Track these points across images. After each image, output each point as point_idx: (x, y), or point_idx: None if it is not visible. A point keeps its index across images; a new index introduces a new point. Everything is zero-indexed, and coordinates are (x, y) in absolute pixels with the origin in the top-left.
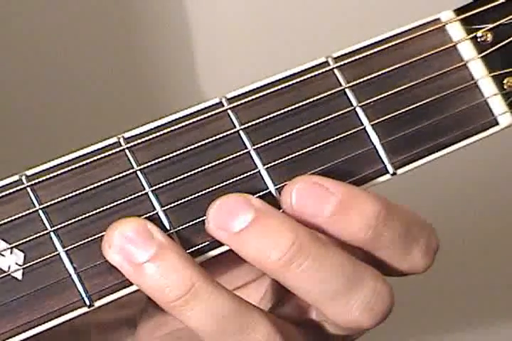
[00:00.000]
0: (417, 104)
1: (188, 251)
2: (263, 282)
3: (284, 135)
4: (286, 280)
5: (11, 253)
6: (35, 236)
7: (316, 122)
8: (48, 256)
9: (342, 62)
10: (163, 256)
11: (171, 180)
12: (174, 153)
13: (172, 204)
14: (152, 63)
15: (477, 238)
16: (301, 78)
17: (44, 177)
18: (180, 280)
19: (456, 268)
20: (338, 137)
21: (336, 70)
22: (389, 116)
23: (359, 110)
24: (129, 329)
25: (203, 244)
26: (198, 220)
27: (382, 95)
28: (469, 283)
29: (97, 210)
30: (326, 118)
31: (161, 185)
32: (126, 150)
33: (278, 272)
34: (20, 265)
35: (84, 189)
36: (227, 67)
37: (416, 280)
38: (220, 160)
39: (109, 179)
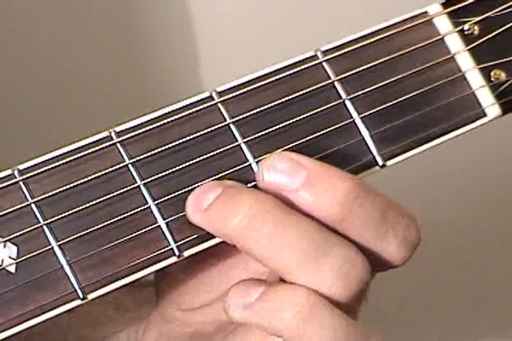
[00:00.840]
0: (406, 97)
1: (179, 243)
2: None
3: (274, 128)
4: (251, 249)
5: (4, 246)
6: (28, 229)
7: (305, 115)
8: (41, 250)
9: (331, 56)
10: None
11: (163, 174)
12: (165, 147)
13: (164, 198)
14: (154, 62)
15: (477, 238)
16: (291, 71)
17: (36, 171)
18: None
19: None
20: (327, 129)
21: (324, 63)
22: (378, 108)
23: (348, 103)
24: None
25: (195, 236)
26: None
27: (371, 88)
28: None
29: (89, 204)
30: (316, 111)
31: (152, 178)
32: (118, 144)
33: (240, 239)
34: (13, 258)
35: (77, 182)
36: (229, 67)
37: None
38: (211, 153)
39: (101, 172)
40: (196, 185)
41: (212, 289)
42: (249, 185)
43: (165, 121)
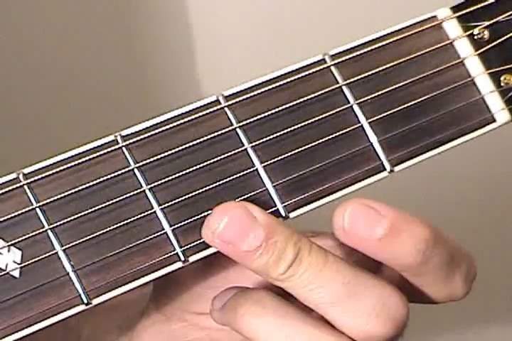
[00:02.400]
0: (414, 102)
1: (184, 248)
2: None
3: (281, 132)
4: (286, 287)
5: (9, 251)
6: (32, 234)
7: (313, 120)
8: (45, 254)
9: (339, 60)
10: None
11: (168, 178)
12: (171, 151)
13: (169, 202)
14: (152, 63)
15: (477, 238)
16: (298, 76)
17: (41, 175)
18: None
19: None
20: (335, 135)
21: (332, 68)
22: (386, 113)
23: (356, 107)
24: (120, 332)
25: (201, 241)
26: (195, 218)
27: (379, 92)
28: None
29: (94, 208)
30: (323, 115)
31: (158, 182)
32: (124, 148)
33: (279, 281)
34: (17, 263)
35: (82, 187)
36: (227, 67)
37: None
38: (217, 158)
39: (107, 177)
40: (202, 189)
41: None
42: (254, 192)
43: (171, 125)
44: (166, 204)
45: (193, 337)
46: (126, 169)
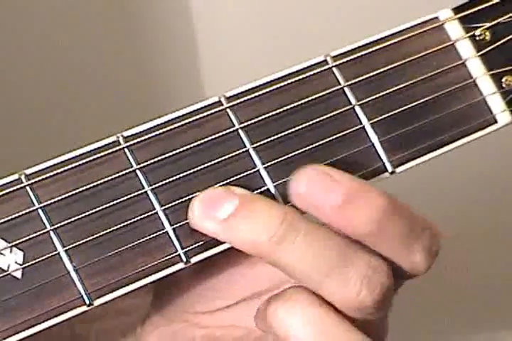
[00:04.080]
0: (416, 103)
1: (186, 249)
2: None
3: (282, 134)
4: (280, 261)
5: (11, 252)
6: (34, 235)
7: (314, 121)
8: (47, 255)
9: (341, 61)
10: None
11: (170, 179)
12: (173, 152)
13: (171, 204)
14: (155, 64)
15: (477, 238)
16: (300, 77)
17: (43, 176)
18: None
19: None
20: (336, 135)
21: (334, 69)
22: (388, 114)
23: (358, 108)
24: (125, 338)
25: (203, 242)
26: None
27: (381, 93)
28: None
29: (97, 209)
30: (325, 116)
31: (160, 183)
32: (126, 149)
33: (271, 252)
34: (19, 264)
35: (84, 188)
36: (229, 68)
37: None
38: (219, 159)
39: (109, 178)
40: (203, 190)
41: (228, 295)
42: (255, 192)
43: (173, 126)
44: (168, 205)
45: (193, 336)
46: (129, 170)
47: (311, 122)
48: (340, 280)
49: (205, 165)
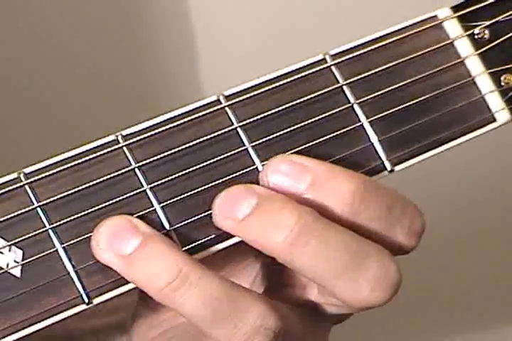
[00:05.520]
0: (415, 101)
1: (187, 248)
2: (251, 268)
3: (281, 132)
4: (294, 261)
5: (10, 250)
6: (33, 233)
7: (313, 119)
8: (46, 254)
9: (339, 60)
10: (149, 245)
11: (169, 178)
12: (172, 151)
13: (170, 202)
14: (153, 63)
15: (477, 238)
16: (299, 75)
17: (42, 175)
18: (167, 266)
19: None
20: (335, 134)
21: (333, 67)
22: (386, 113)
23: (356, 107)
24: (120, 335)
25: (202, 241)
26: (196, 217)
27: (380, 92)
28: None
29: (96, 208)
30: (324, 115)
31: (159, 182)
32: (124, 148)
33: (285, 252)
34: (18, 262)
35: (83, 186)
36: (228, 67)
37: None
38: (218, 158)
39: (108, 176)
40: (203, 188)
41: None
42: None
43: (172, 124)
44: (167, 203)
45: (177, 323)
46: (127, 169)
47: (309, 120)
48: (352, 281)
49: (204, 163)
